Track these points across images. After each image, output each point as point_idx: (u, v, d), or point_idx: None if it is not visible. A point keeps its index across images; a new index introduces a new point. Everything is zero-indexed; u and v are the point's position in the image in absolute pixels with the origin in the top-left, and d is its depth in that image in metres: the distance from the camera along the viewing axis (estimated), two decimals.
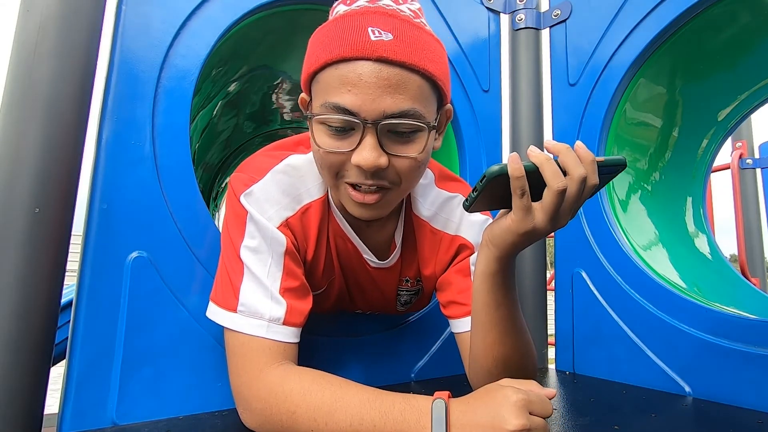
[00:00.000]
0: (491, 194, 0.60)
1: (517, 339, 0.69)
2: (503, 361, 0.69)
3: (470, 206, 0.61)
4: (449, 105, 0.72)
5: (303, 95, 0.71)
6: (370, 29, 0.61)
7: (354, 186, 0.66)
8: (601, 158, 0.58)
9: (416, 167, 0.66)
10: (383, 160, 0.63)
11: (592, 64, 1.19)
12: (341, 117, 0.61)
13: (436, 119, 0.67)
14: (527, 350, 0.72)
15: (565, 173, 0.56)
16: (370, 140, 0.62)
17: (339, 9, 0.68)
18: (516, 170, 0.55)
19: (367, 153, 0.61)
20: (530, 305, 1.26)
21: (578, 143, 0.57)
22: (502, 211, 0.64)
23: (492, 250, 0.63)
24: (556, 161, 0.57)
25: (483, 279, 0.65)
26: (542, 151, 0.58)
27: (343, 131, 0.63)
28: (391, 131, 0.63)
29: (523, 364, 0.71)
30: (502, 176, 0.56)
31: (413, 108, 0.62)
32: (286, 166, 0.74)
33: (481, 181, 0.57)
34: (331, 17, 0.69)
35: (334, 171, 0.66)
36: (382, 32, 0.61)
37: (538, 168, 0.56)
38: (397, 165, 0.65)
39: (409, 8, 0.66)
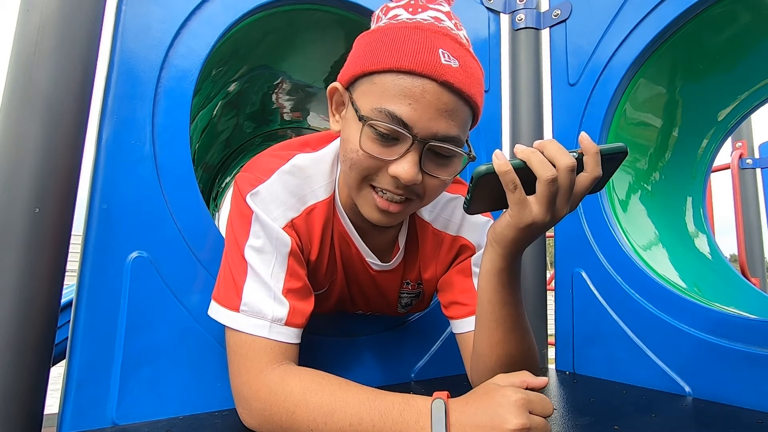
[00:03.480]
0: (487, 194, 0.60)
1: (521, 337, 0.70)
2: (507, 359, 0.70)
3: (468, 208, 0.62)
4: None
5: (336, 85, 0.70)
6: (441, 51, 0.62)
7: (380, 192, 0.67)
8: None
9: (442, 187, 0.69)
10: (420, 177, 0.64)
11: (592, 64, 1.19)
12: (394, 127, 0.62)
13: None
14: (530, 349, 0.72)
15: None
16: (413, 156, 0.63)
17: (399, 14, 0.67)
18: (501, 165, 0.56)
19: (408, 167, 0.63)
20: (530, 305, 1.25)
21: (583, 134, 0.58)
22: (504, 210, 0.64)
23: (496, 248, 0.63)
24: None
25: (489, 277, 0.66)
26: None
27: (388, 139, 0.64)
28: (433, 151, 0.65)
29: (526, 363, 0.71)
30: (492, 175, 0.57)
31: (459, 135, 0.65)
32: (292, 166, 0.74)
33: (471, 182, 0.58)
34: (385, 18, 0.69)
35: (366, 174, 0.67)
36: (451, 58, 0.62)
37: (526, 163, 0.57)
38: (427, 183, 0.67)
39: (464, 35, 0.69)
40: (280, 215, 0.71)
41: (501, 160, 0.57)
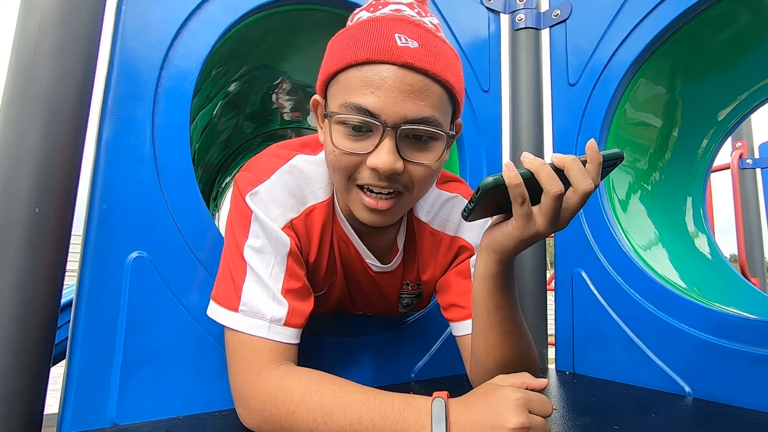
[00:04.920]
0: (489, 203, 0.59)
1: (518, 340, 0.70)
2: (505, 362, 0.69)
3: (469, 216, 0.61)
4: (460, 119, 0.72)
5: (316, 97, 0.70)
6: (396, 35, 0.61)
7: (367, 190, 0.66)
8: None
9: (430, 175, 0.67)
10: (399, 165, 0.63)
11: (592, 64, 1.19)
12: (362, 118, 0.61)
13: (451, 130, 0.68)
14: (528, 351, 0.72)
15: (561, 178, 0.56)
16: (388, 143, 0.62)
17: (362, 15, 0.68)
18: (513, 178, 0.55)
19: (384, 156, 0.61)
20: (530, 305, 1.25)
21: (591, 142, 0.57)
22: (498, 216, 0.64)
23: (492, 254, 0.63)
24: (551, 165, 0.56)
25: (483, 282, 0.65)
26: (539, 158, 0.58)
27: (361, 132, 0.63)
28: (409, 137, 0.64)
29: (524, 365, 0.71)
30: (498, 186, 0.56)
31: (433, 116, 0.62)
32: (291, 167, 0.74)
33: (476, 193, 0.57)
34: (351, 23, 0.69)
35: (348, 173, 0.66)
36: (409, 39, 0.61)
37: (533, 174, 0.56)
38: (411, 171, 0.65)
39: (431, 21, 0.67)
40: (280, 216, 0.71)
41: (512, 172, 0.55)
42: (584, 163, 0.57)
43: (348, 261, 0.82)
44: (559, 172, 0.56)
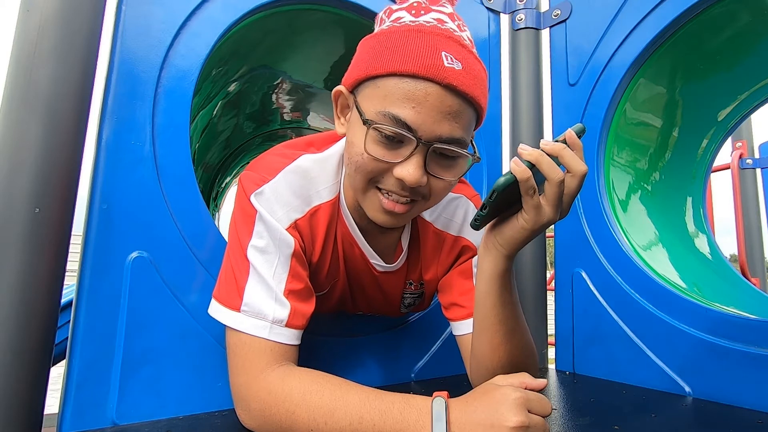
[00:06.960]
0: (496, 206, 0.61)
1: (521, 337, 0.71)
2: (508, 360, 0.70)
3: (480, 224, 0.62)
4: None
5: (341, 89, 0.70)
6: (443, 54, 0.62)
7: (386, 193, 0.67)
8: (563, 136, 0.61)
9: (447, 188, 0.69)
10: (425, 179, 0.65)
11: (592, 64, 1.19)
12: (399, 130, 0.62)
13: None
14: (530, 349, 0.73)
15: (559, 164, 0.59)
16: (418, 158, 0.63)
17: (402, 16, 0.67)
18: (523, 173, 0.57)
19: (413, 170, 0.63)
20: (530, 305, 1.26)
21: (569, 132, 0.60)
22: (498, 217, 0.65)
23: (501, 251, 0.64)
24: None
25: (493, 281, 0.66)
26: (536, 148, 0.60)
27: (393, 142, 0.64)
28: (437, 153, 0.65)
29: (526, 364, 0.72)
30: (509, 185, 0.57)
31: (463, 137, 0.64)
32: (297, 167, 0.74)
33: (491, 197, 0.58)
34: (389, 21, 0.68)
35: (370, 177, 0.67)
36: (454, 60, 0.62)
37: (533, 165, 0.58)
38: (432, 184, 0.67)
39: (467, 36, 0.69)
40: (284, 216, 0.71)
41: (521, 166, 0.57)
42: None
43: (352, 261, 0.82)
44: (553, 158, 0.59)
